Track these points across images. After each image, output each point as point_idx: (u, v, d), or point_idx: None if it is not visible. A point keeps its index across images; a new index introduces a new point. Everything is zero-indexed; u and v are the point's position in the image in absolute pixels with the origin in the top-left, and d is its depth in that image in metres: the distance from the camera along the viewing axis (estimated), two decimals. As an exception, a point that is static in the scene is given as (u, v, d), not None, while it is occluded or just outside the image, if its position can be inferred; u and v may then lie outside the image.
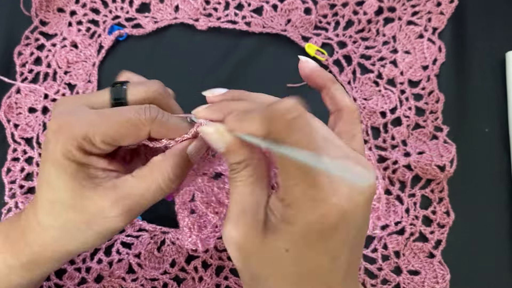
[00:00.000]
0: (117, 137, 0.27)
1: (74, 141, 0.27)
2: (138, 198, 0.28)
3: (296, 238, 0.24)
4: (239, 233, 0.25)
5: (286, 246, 0.24)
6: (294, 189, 0.23)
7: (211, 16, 0.50)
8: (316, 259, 0.24)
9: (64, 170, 0.27)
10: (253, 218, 0.25)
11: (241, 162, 0.25)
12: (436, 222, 0.44)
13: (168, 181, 0.28)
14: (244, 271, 0.27)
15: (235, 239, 0.25)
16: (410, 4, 0.50)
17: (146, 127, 0.28)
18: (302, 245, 0.24)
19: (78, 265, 0.42)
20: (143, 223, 0.43)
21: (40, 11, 0.49)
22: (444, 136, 0.46)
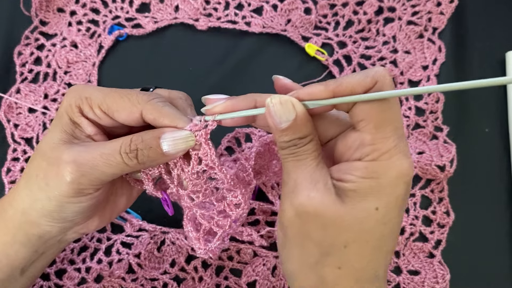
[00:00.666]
0: (112, 106, 0.28)
1: (77, 99, 0.29)
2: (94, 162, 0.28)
3: (386, 192, 0.25)
4: (317, 199, 0.25)
5: (375, 205, 0.25)
6: (387, 141, 0.25)
7: (211, 16, 0.50)
8: (397, 215, 0.26)
9: (60, 120, 0.30)
10: (326, 187, 0.26)
11: (307, 136, 0.26)
12: (436, 222, 0.44)
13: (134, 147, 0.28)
14: (311, 246, 0.27)
15: (313, 205, 0.25)
16: (410, 4, 0.50)
17: (140, 104, 0.28)
18: (390, 199, 0.25)
19: (78, 265, 0.42)
20: (143, 223, 0.43)
21: (40, 11, 0.49)
22: (444, 136, 0.46)
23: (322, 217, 0.25)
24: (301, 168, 0.26)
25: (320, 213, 0.25)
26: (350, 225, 0.25)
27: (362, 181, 0.25)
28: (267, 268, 0.42)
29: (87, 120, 0.30)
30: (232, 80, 0.48)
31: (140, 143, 0.28)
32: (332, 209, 0.25)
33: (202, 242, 0.32)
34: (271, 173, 0.39)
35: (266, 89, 0.48)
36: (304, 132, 0.26)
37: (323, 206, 0.25)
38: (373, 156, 0.25)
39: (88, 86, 0.30)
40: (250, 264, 0.42)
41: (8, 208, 0.31)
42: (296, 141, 0.26)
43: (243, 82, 0.48)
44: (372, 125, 0.25)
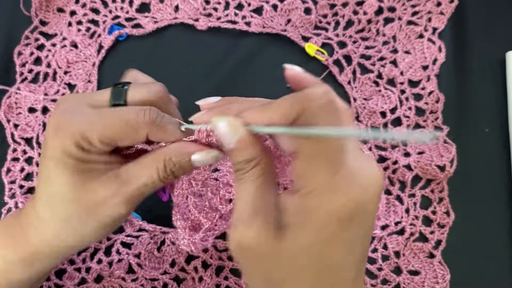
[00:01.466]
0: (114, 138, 0.27)
1: (72, 139, 0.27)
2: (139, 186, 0.28)
3: (316, 229, 0.24)
4: (251, 235, 0.24)
5: (307, 241, 0.24)
6: (317, 177, 0.23)
7: (211, 16, 0.50)
8: (334, 253, 0.24)
9: (64, 165, 0.27)
10: (265, 219, 0.24)
11: (251, 160, 0.25)
12: (436, 222, 0.44)
13: (170, 171, 0.28)
14: (256, 276, 0.26)
15: (247, 242, 0.24)
16: (410, 4, 0.50)
17: (144, 129, 0.28)
18: (322, 236, 0.24)
19: (78, 265, 0.42)
20: (143, 223, 0.43)
21: (40, 11, 0.49)
22: (444, 136, 0.46)
23: (258, 253, 0.25)
24: (243, 195, 0.25)
25: (255, 249, 0.24)
26: (284, 262, 0.24)
27: (295, 216, 0.24)
28: (267, 268, 0.42)
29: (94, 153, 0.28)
30: (232, 80, 0.48)
31: (173, 167, 0.28)
32: (267, 246, 0.24)
33: (188, 232, 0.32)
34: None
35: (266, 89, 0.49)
36: (247, 156, 0.25)
37: (258, 242, 0.24)
38: (304, 191, 0.24)
39: (73, 119, 0.28)
40: (250, 264, 0.42)
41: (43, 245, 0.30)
42: (242, 165, 0.25)
43: (243, 82, 0.48)
44: (299, 160, 0.24)
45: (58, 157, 0.27)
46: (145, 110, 0.28)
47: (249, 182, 0.25)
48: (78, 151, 0.27)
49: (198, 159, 0.28)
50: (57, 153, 0.27)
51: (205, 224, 0.32)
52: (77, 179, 0.28)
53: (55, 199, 0.28)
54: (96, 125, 0.27)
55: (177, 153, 0.28)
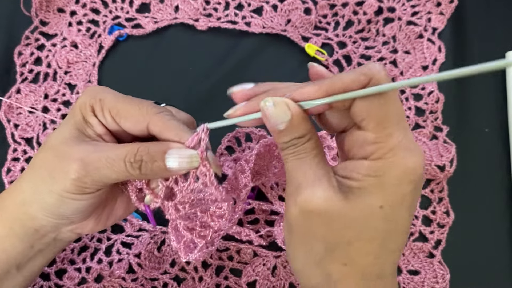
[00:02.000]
0: (121, 112, 0.29)
1: (92, 99, 0.29)
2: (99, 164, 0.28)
3: (392, 189, 0.25)
4: (320, 196, 0.25)
5: (379, 203, 0.25)
6: (391, 138, 0.24)
7: (211, 16, 0.50)
8: (403, 215, 0.26)
9: (73, 117, 0.30)
10: (329, 184, 0.25)
11: (304, 135, 0.26)
12: (436, 222, 0.44)
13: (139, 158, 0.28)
14: (318, 242, 0.27)
15: (316, 203, 0.25)
16: (410, 4, 0.50)
17: (147, 115, 0.29)
18: (396, 197, 0.25)
19: (78, 265, 0.42)
20: (143, 223, 0.43)
21: (40, 11, 0.49)
22: (444, 136, 0.46)
23: (326, 214, 0.25)
24: (302, 166, 0.26)
25: (323, 209, 0.25)
26: (354, 222, 0.25)
27: (367, 179, 0.25)
28: (267, 268, 0.42)
29: (98, 120, 0.30)
30: (232, 80, 0.48)
31: (145, 155, 0.28)
32: (335, 206, 0.25)
33: (183, 252, 0.32)
34: (270, 174, 0.39)
35: (266, 89, 0.48)
36: (301, 132, 0.26)
37: (326, 203, 0.25)
38: (377, 154, 0.25)
39: (106, 89, 0.31)
40: (250, 264, 0.42)
41: (7, 199, 0.31)
42: (295, 141, 0.26)
43: (243, 82, 0.48)
44: (373, 123, 0.25)
45: (74, 108, 0.30)
46: (158, 106, 0.30)
47: (306, 154, 0.26)
48: (88, 110, 0.30)
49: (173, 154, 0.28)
50: (76, 106, 0.30)
51: (199, 244, 0.32)
52: (71, 132, 0.29)
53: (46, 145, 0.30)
54: (115, 97, 0.30)
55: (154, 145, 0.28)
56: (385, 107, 0.25)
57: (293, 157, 0.27)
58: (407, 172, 0.25)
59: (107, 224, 0.34)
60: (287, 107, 0.26)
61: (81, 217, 0.31)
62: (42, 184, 0.29)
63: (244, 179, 0.35)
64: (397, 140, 0.25)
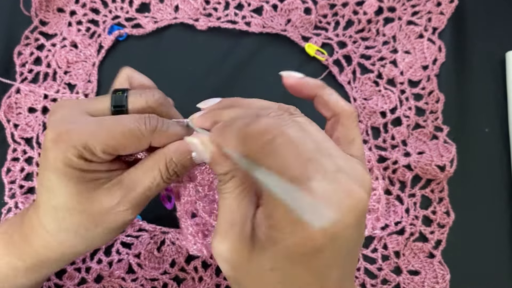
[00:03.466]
0: (117, 147, 0.27)
1: (74, 150, 0.26)
2: (144, 190, 0.28)
3: (280, 257, 0.23)
4: (227, 246, 0.24)
5: (270, 265, 0.24)
6: (276, 211, 0.23)
7: (211, 16, 0.49)
8: (302, 277, 0.23)
9: (66, 176, 0.27)
10: (240, 231, 0.24)
11: (227, 173, 0.25)
12: (436, 222, 0.44)
13: (172, 171, 0.29)
14: (233, 283, 0.27)
15: (223, 252, 0.25)
16: (410, 4, 0.50)
17: (147, 137, 0.28)
18: (287, 266, 0.23)
19: (78, 265, 0.42)
20: (143, 223, 0.43)
21: (40, 11, 0.49)
22: (444, 136, 0.46)
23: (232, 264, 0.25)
24: (222, 207, 0.25)
25: (229, 260, 0.25)
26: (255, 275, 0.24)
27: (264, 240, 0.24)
28: (267, 268, 0.42)
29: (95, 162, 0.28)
30: (232, 80, 0.48)
31: (176, 168, 0.29)
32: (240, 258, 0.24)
33: (201, 236, 0.32)
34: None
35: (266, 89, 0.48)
36: (223, 169, 0.25)
37: (232, 254, 0.24)
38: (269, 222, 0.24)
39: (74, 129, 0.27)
40: (250, 264, 0.42)
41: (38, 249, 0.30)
42: (221, 177, 0.26)
43: (243, 82, 0.48)
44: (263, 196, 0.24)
45: (60, 168, 0.27)
46: (146, 119, 0.28)
47: (227, 194, 0.25)
48: (80, 162, 0.27)
49: None
50: (59, 165, 0.26)
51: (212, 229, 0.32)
52: (82, 190, 0.27)
53: (61, 211, 0.28)
54: (98, 135, 0.26)
55: (177, 153, 0.28)
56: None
57: (220, 194, 0.26)
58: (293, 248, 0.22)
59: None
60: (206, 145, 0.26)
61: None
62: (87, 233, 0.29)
63: None
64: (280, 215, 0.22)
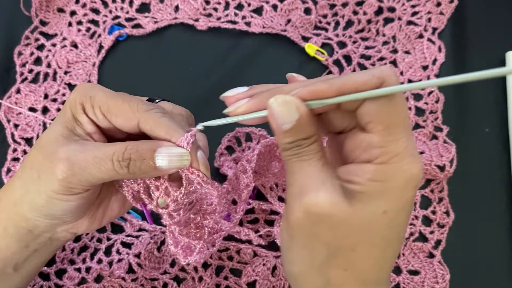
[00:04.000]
0: (112, 109, 0.29)
1: (82, 96, 0.29)
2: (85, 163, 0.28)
3: (394, 196, 0.24)
4: (325, 199, 0.25)
5: (383, 208, 0.24)
6: (397, 143, 0.24)
7: (211, 16, 0.50)
8: (405, 219, 0.26)
9: (63, 115, 0.30)
10: (333, 188, 0.25)
11: (310, 137, 0.25)
12: (436, 222, 0.44)
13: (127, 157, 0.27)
14: (321, 247, 0.26)
15: (321, 206, 0.25)
16: (410, 4, 0.50)
17: (138, 112, 0.28)
18: (399, 203, 0.25)
19: (78, 265, 0.42)
20: (143, 223, 0.43)
21: (40, 11, 0.49)
22: (444, 136, 0.46)
23: (331, 218, 0.25)
24: (306, 168, 0.26)
25: (329, 213, 0.25)
26: (358, 227, 0.25)
27: (371, 184, 0.24)
28: (267, 268, 0.42)
29: (88, 118, 0.29)
30: (232, 80, 0.48)
31: (134, 153, 0.27)
32: (340, 210, 0.25)
33: (182, 255, 0.32)
34: (270, 174, 0.39)
35: (266, 89, 0.48)
36: (308, 133, 0.25)
37: (331, 207, 0.25)
38: (382, 159, 0.24)
39: (96, 86, 0.30)
40: (250, 264, 0.42)
41: (2, 197, 0.31)
42: (300, 142, 0.25)
43: (243, 82, 0.48)
44: (381, 127, 0.24)
45: (65, 107, 0.30)
46: (149, 103, 0.29)
47: (310, 156, 0.26)
48: (78, 109, 0.29)
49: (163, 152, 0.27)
50: (66, 104, 0.30)
51: (197, 246, 0.32)
52: (61, 130, 0.29)
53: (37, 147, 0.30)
54: (104, 95, 0.29)
55: (143, 143, 0.28)
56: (394, 111, 0.24)
57: (297, 158, 0.26)
58: (412, 178, 0.24)
59: (103, 222, 0.34)
60: (296, 106, 0.25)
61: (73, 217, 0.31)
62: (31, 185, 0.29)
63: (246, 179, 0.35)
64: (403, 145, 0.24)
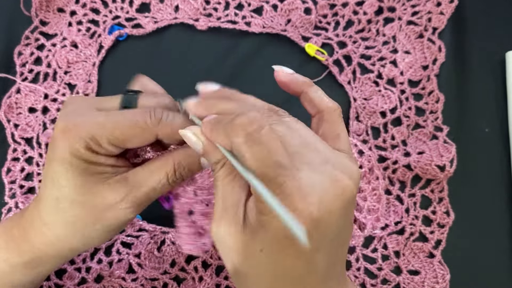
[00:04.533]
0: (124, 139, 0.28)
1: (82, 141, 0.27)
2: (148, 190, 0.29)
3: (269, 241, 0.24)
4: (222, 229, 0.25)
5: (261, 247, 0.24)
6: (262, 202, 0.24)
7: (211, 16, 0.50)
8: (290, 261, 0.24)
9: (72, 167, 0.27)
10: (234, 215, 0.25)
11: (218, 162, 0.26)
12: (436, 222, 0.44)
13: (179, 174, 0.29)
14: (228, 266, 0.27)
15: (218, 235, 0.26)
16: (410, 4, 0.50)
17: (152, 128, 0.28)
18: (275, 248, 0.24)
19: (78, 265, 0.42)
20: (143, 223, 0.43)
21: (40, 11, 0.49)
22: (444, 136, 0.46)
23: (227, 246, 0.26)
24: (218, 193, 0.26)
25: (224, 242, 0.26)
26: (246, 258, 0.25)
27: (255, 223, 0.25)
28: (267, 268, 0.42)
29: (103, 155, 0.28)
30: (232, 80, 0.48)
31: (183, 171, 0.29)
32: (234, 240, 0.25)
33: (196, 236, 0.32)
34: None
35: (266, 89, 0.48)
36: (214, 158, 0.26)
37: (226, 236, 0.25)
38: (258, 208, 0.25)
39: (82, 121, 0.28)
40: (250, 264, 0.42)
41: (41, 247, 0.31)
42: (213, 166, 0.27)
43: (243, 82, 0.48)
44: None
45: (66, 159, 0.27)
46: (151, 111, 0.28)
47: (219, 180, 0.26)
48: (87, 153, 0.27)
49: None
50: (66, 155, 0.27)
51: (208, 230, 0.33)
52: (86, 182, 0.28)
53: (62, 202, 0.28)
54: (105, 127, 0.27)
55: (186, 156, 0.29)
56: None
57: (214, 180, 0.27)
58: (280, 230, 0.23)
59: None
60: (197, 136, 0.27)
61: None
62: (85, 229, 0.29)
63: None
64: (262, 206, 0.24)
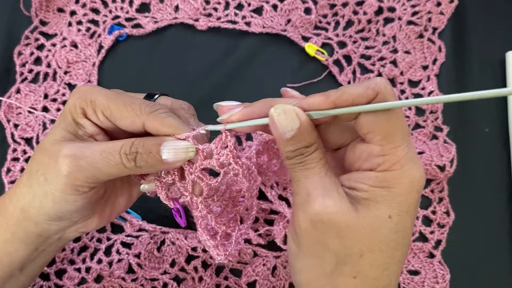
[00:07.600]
0: (115, 113, 0.29)
1: (82, 101, 0.29)
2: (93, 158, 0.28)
3: (398, 200, 0.25)
4: (333, 207, 0.25)
5: (388, 213, 0.25)
6: (396, 151, 0.25)
7: (211, 16, 0.50)
8: (409, 223, 0.26)
9: (63, 119, 0.30)
10: (338, 195, 0.26)
11: (311, 145, 0.26)
12: (436, 222, 0.44)
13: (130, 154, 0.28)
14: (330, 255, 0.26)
15: (329, 213, 0.25)
16: (410, 4, 0.50)
17: (143, 115, 0.28)
18: (403, 207, 0.25)
19: (78, 265, 0.42)
20: (143, 223, 0.43)
21: (40, 11, 0.49)
22: (444, 136, 0.46)
23: (338, 226, 0.25)
24: (310, 177, 0.26)
25: (335, 221, 0.25)
26: (365, 233, 0.25)
27: (375, 190, 0.25)
28: (267, 268, 0.42)
29: (90, 121, 0.30)
30: (232, 80, 0.48)
31: (141, 147, 0.28)
32: (347, 217, 0.25)
33: (222, 248, 0.32)
34: (270, 173, 0.39)
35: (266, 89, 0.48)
36: (309, 141, 0.26)
37: (338, 214, 0.25)
38: (384, 166, 0.25)
39: (94, 89, 0.30)
40: (250, 264, 0.42)
41: (9, 205, 0.31)
42: (303, 150, 0.26)
43: (243, 82, 0.48)
44: (380, 136, 0.25)
45: (64, 112, 0.30)
46: (150, 103, 0.29)
47: (314, 164, 0.26)
48: (79, 113, 0.29)
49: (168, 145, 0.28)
50: (66, 109, 0.30)
51: (232, 235, 0.32)
52: (62, 133, 0.29)
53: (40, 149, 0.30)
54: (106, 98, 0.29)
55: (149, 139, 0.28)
56: (391, 121, 0.25)
57: (301, 167, 0.26)
58: (414, 183, 0.25)
59: (111, 218, 0.34)
60: (296, 115, 0.25)
61: (81, 217, 0.31)
62: (38, 188, 0.29)
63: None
64: (403, 152, 0.25)
